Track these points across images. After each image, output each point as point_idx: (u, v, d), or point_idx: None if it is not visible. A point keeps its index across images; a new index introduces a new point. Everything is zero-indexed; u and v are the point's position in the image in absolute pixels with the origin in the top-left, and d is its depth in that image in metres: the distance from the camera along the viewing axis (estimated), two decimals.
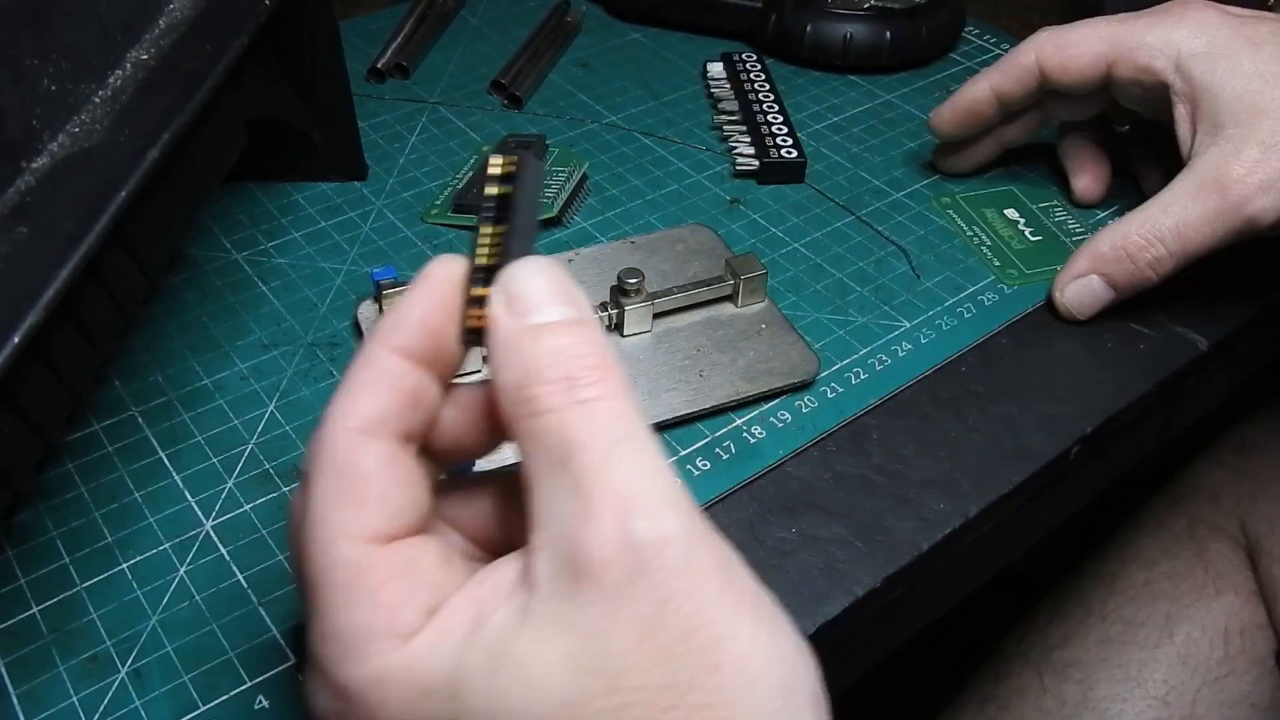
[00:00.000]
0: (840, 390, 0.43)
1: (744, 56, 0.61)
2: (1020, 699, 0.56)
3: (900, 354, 0.44)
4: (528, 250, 0.26)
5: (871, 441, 0.41)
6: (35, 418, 0.31)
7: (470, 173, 0.53)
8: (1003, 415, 0.42)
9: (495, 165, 0.26)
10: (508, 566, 0.25)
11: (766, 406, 0.42)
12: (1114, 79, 0.46)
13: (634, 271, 0.43)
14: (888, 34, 0.61)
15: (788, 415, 0.42)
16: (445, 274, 0.26)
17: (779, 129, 0.56)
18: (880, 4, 0.62)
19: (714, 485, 0.39)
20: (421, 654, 0.23)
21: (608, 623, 0.22)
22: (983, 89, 0.50)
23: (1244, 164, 0.41)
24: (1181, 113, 0.44)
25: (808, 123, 0.58)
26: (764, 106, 0.57)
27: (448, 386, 0.27)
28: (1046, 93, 0.49)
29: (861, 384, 0.43)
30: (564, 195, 0.51)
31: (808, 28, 0.61)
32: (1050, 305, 0.47)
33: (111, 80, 0.35)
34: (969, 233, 0.51)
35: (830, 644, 0.37)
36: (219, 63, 0.38)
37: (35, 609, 0.35)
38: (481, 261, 0.25)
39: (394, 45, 0.62)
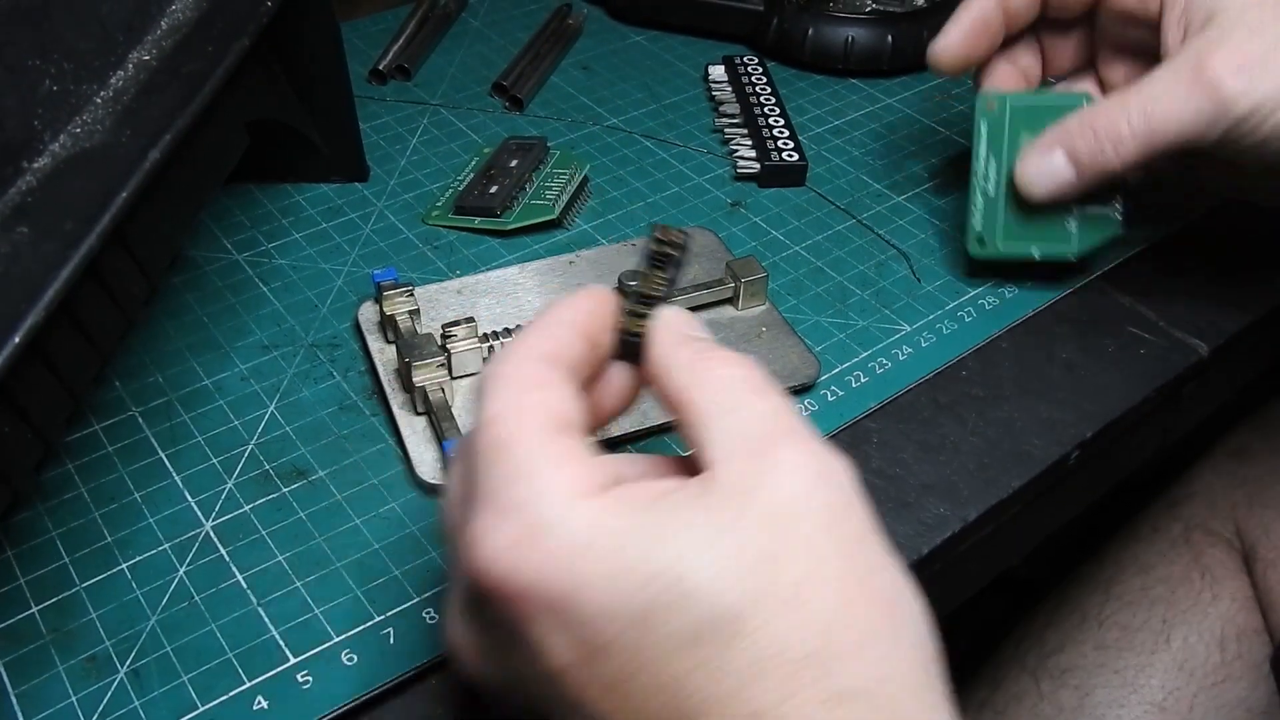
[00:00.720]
0: (840, 394, 0.43)
1: (745, 60, 0.61)
2: (1017, 705, 0.56)
3: (900, 358, 0.44)
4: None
5: (871, 445, 0.41)
6: (35, 418, 0.31)
7: (471, 174, 0.53)
8: (1002, 419, 0.42)
9: (673, 236, 0.32)
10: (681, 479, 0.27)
11: None
12: None
13: (635, 274, 0.43)
14: (889, 38, 0.61)
15: None
16: (603, 295, 0.30)
17: (780, 132, 0.56)
18: (881, 8, 0.62)
19: None
20: (609, 508, 0.25)
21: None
22: (987, 4, 0.46)
23: (1225, 47, 0.39)
24: (1175, 9, 0.42)
25: (809, 126, 0.58)
26: (765, 110, 0.57)
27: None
28: (1041, 25, 0.47)
29: (861, 387, 0.43)
30: (565, 197, 0.51)
31: (809, 31, 0.61)
32: (1051, 310, 0.47)
33: (113, 81, 0.35)
34: (980, 165, 0.46)
35: None
36: (220, 64, 0.38)
37: (34, 609, 0.35)
38: (646, 293, 0.30)
39: (395, 47, 0.62)
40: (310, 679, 0.33)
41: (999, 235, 0.46)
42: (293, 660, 0.34)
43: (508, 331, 0.43)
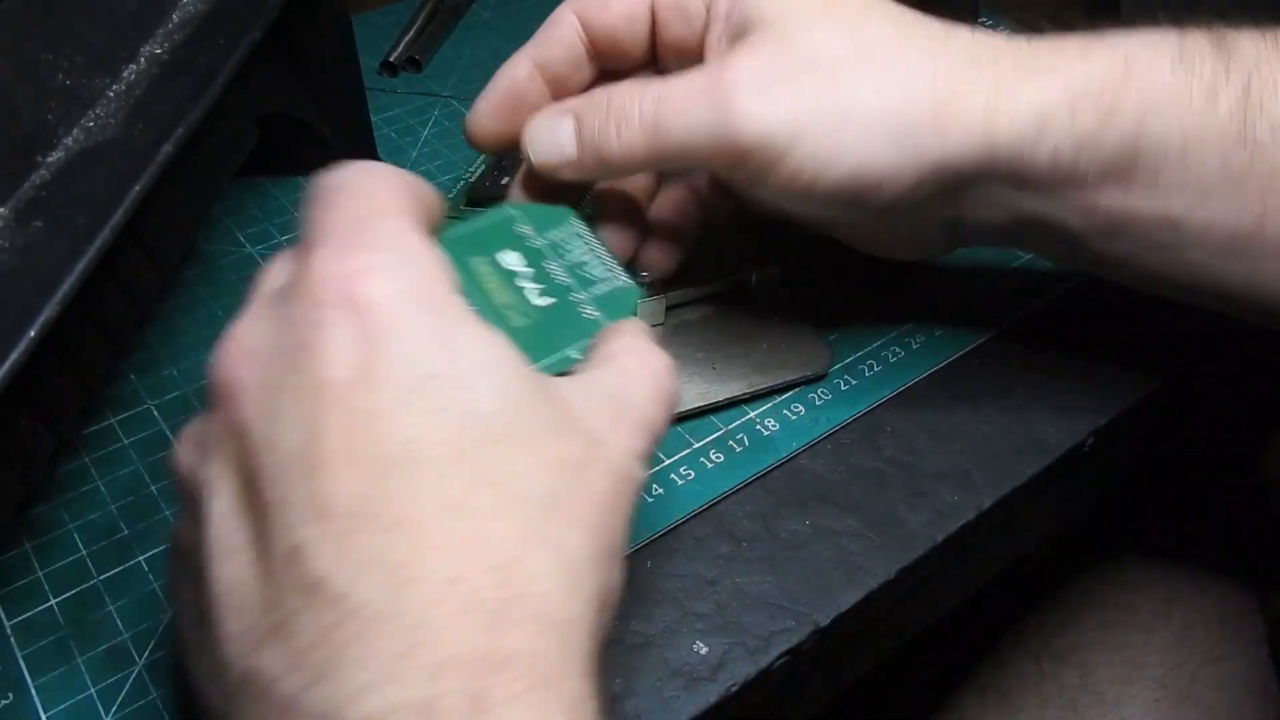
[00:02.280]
0: (853, 383, 0.43)
1: None
2: (1020, 685, 0.56)
3: (914, 346, 0.44)
4: None
5: (885, 434, 0.41)
6: (50, 412, 0.32)
7: (483, 166, 0.53)
8: (1016, 407, 0.42)
9: None
10: None
11: (780, 399, 0.42)
12: (660, 23, 0.38)
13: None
14: None
15: (801, 408, 0.42)
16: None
17: None
18: None
19: (728, 478, 0.39)
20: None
21: None
22: (521, 66, 0.39)
23: (747, 61, 0.34)
24: (713, 32, 0.37)
25: None
26: None
27: None
28: (602, 80, 0.39)
29: (875, 376, 0.43)
30: None
31: None
32: (1065, 296, 0.46)
33: (125, 75, 0.35)
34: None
35: (843, 636, 0.37)
36: (231, 57, 0.38)
37: (53, 601, 0.35)
38: None
39: (406, 39, 0.62)
40: None
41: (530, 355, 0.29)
42: None
43: None
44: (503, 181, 0.51)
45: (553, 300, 0.34)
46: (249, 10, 0.40)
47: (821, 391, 0.42)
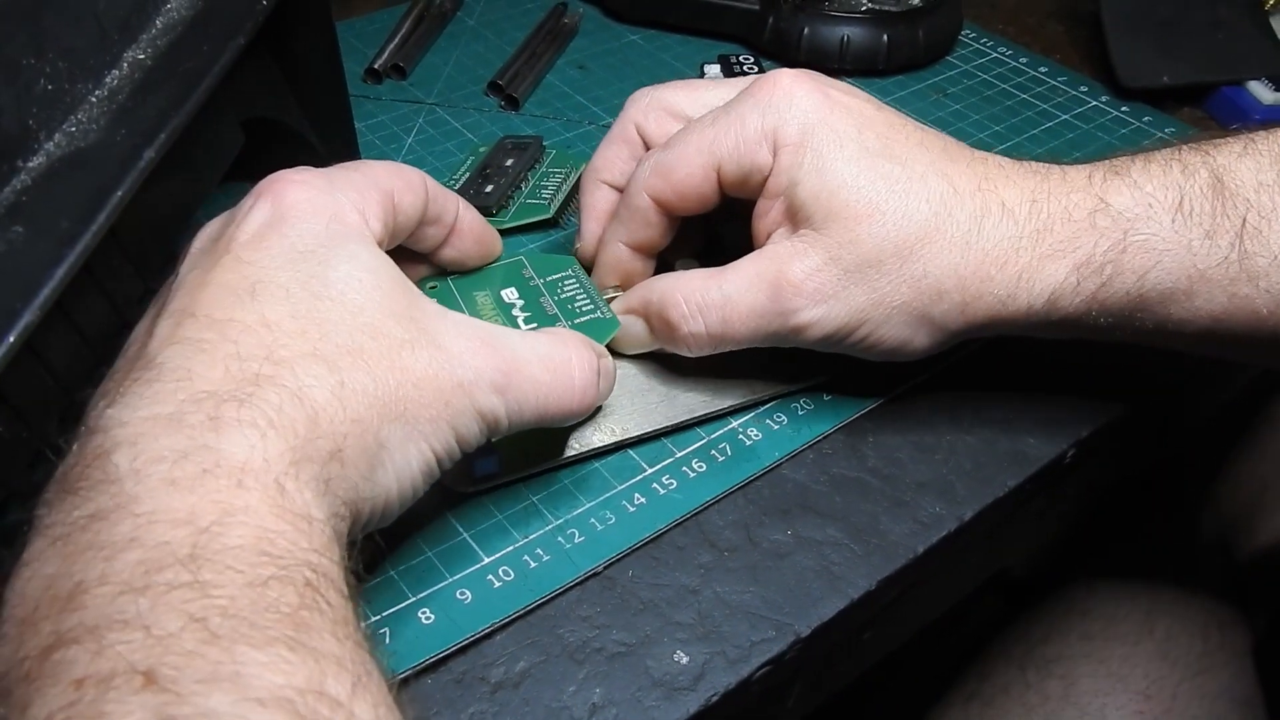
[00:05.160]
0: (837, 393, 0.43)
1: (741, 58, 0.61)
2: (1004, 695, 0.56)
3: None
4: None
5: (867, 444, 0.41)
6: (29, 417, 0.31)
7: (467, 173, 0.53)
8: (999, 419, 0.43)
9: None
10: None
11: (763, 409, 0.42)
12: (725, 184, 0.40)
13: (689, 261, 0.44)
14: (885, 37, 0.61)
15: (784, 418, 0.42)
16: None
17: None
18: (877, 7, 0.62)
19: (710, 487, 0.39)
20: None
21: None
22: (620, 252, 0.43)
23: (805, 268, 0.38)
24: (775, 208, 0.39)
25: None
26: None
27: None
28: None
29: (858, 387, 0.43)
30: (560, 196, 0.51)
31: (805, 30, 0.61)
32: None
33: (108, 80, 0.35)
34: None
35: (825, 646, 0.37)
36: (216, 62, 0.38)
37: None
38: None
39: (391, 46, 0.62)
40: None
41: None
42: None
43: None
44: (486, 189, 0.51)
45: (535, 325, 0.40)
46: (235, 16, 0.40)
47: (804, 401, 0.43)
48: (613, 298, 0.43)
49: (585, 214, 0.45)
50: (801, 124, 0.38)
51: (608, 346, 0.40)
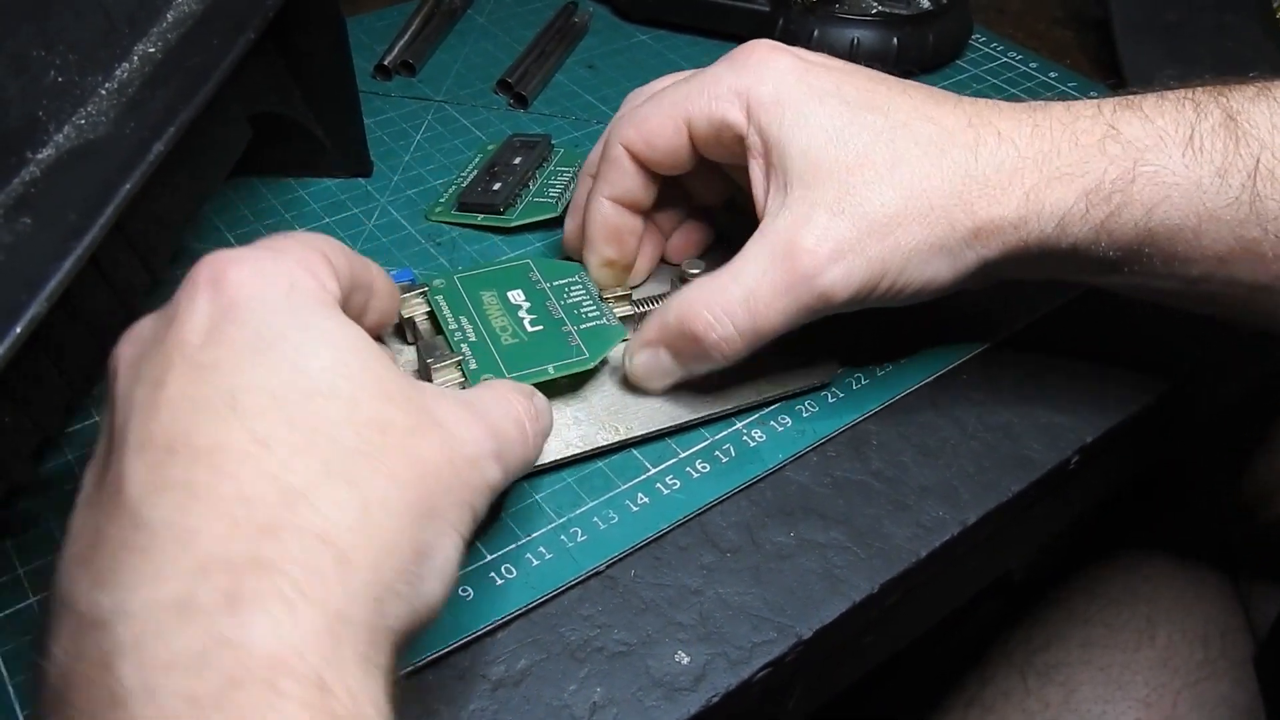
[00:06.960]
0: (841, 395, 0.43)
1: None
2: (1004, 701, 0.56)
3: (901, 361, 0.44)
4: None
5: (871, 447, 0.41)
6: (34, 408, 0.32)
7: (475, 171, 0.53)
8: (1002, 424, 0.42)
9: None
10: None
11: (767, 410, 0.42)
12: (698, 141, 0.41)
13: (695, 263, 0.44)
14: (895, 40, 0.61)
15: (788, 419, 0.42)
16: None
17: None
18: (887, 10, 0.62)
19: (713, 488, 0.39)
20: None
21: None
22: (605, 208, 0.43)
23: (814, 232, 0.37)
24: (756, 168, 0.39)
25: None
26: None
27: None
28: (666, 180, 0.43)
29: (862, 389, 0.43)
30: (568, 195, 0.51)
31: (814, 32, 0.61)
32: (1055, 314, 0.46)
33: (118, 73, 0.35)
34: (452, 326, 0.41)
35: (826, 648, 0.37)
36: (225, 57, 0.38)
37: (33, 599, 0.35)
38: None
39: (400, 42, 0.62)
40: None
41: (502, 370, 0.39)
42: None
43: None
44: (494, 187, 0.51)
45: (542, 328, 0.41)
46: (243, 11, 0.40)
47: (809, 403, 0.43)
48: (620, 296, 0.43)
49: (571, 208, 0.46)
50: (776, 83, 0.39)
51: (632, 385, 0.41)
